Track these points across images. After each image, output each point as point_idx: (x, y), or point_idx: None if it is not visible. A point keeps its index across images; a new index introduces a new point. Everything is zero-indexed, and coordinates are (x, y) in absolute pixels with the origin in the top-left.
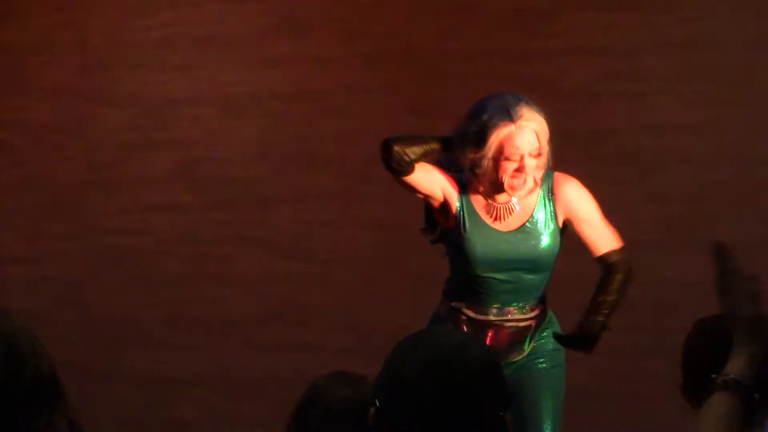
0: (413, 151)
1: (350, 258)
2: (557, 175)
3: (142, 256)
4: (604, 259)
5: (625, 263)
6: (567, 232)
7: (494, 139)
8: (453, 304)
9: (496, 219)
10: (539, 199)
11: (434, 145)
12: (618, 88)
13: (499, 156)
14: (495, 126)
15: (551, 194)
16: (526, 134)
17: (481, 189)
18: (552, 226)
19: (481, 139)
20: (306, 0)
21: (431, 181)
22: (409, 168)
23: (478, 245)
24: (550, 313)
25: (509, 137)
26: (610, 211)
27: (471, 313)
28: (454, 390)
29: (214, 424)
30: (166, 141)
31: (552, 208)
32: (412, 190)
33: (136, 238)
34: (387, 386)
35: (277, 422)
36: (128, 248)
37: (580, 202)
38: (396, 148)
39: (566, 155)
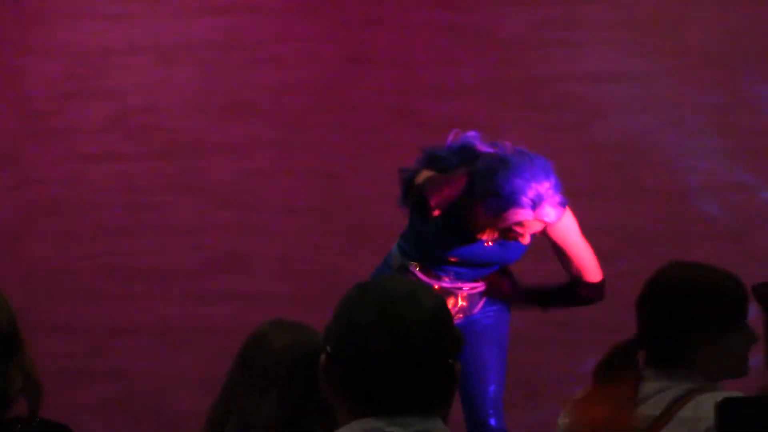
0: (447, 204)
1: (287, 207)
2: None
3: (79, 206)
4: (576, 281)
5: (594, 298)
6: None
7: (509, 217)
8: (404, 259)
9: (477, 227)
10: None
11: (462, 185)
12: (553, 37)
13: (507, 228)
14: (514, 209)
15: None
16: (537, 224)
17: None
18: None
19: (498, 213)
20: None
21: None
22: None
23: (453, 243)
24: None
25: (524, 223)
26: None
27: (423, 277)
28: (405, 335)
29: (152, 372)
30: (102, 90)
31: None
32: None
33: (72, 188)
34: (338, 332)
35: (215, 371)
36: (64, 198)
37: (564, 233)
38: (433, 205)
39: (502, 103)
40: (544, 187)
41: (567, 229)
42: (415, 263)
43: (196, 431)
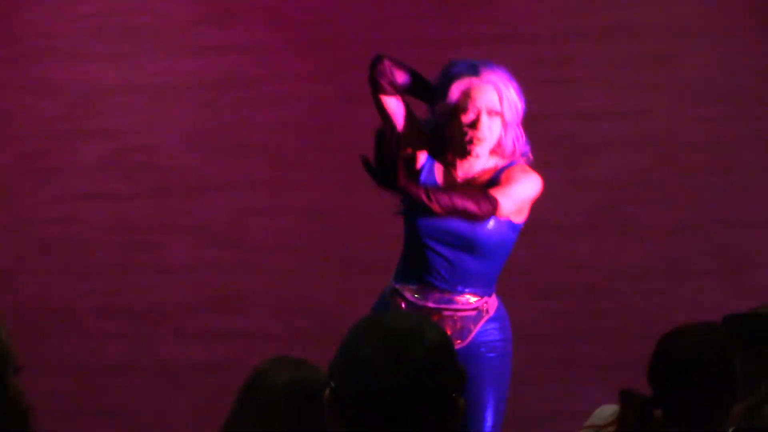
0: (399, 73)
1: (281, 245)
2: (517, 165)
3: (73, 245)
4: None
5: (484, 216)
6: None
7: (455, 90)
8: (397, 285)
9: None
10: (490, 182)
11: (419, 79)
12: (545, 75)
13: (457, 109)
14: (457, 77)
15: (497, 179)
16: (486, 89)
17: (448, 158)
18: (498, 218)
19: (444, 90)
20: None
21: (404, 119)
22: (388, 88)
23: (425, 212)
24: (499, 305)
25: (468, 89)
26: (541, 197)
27: (411, 298)
28: (408, 368)
29: (146, 412)
30: (97, 130)
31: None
32: (385, 117)
33: (66, 227)
34: (342, 366)
35: (209, 409)
36: (59, 237)
37: (514, 175)
38: (387, 62)
39: None
40: (483, 60)
41: (516, 175)
42: (404, 284)
43: None
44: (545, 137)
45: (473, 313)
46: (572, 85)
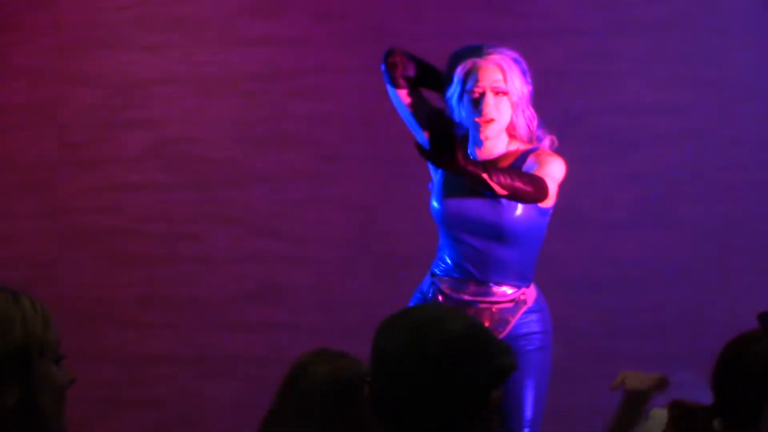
0: (411, 65)
1: (324, 237)
2: (541, 149)
3: (116, 236)
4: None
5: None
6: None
7: (459, 71)
8: (433, 279)
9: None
10: (512, 166)
11: (431, 70)
12: (590, 69)
13: (464, 91)
14: (462, 59)
15: (525, 164)
16: (490, 68)
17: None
18: (528, 205)
19: (450, 74)
20: None
21: (421, 112)
22: (402, 81)
23: (449, 198)
24: (538, 296)
25: (472, 69)
26: (584, 192)
27: (448, 291)
28: (429, 361)
29: (186, 402)
30: (140, 120)
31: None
32: (402, 111)
33: (109, 217)
34: (373, 361)
35: (250, 399)
36: (101, 227)
37: (543, 163)
38: (398, 55)
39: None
40: (485, 43)
41: (546, 161)
42: (440, 278)
43: None
44: (589, 132)
45: (510, 304)
46: (616, 80)
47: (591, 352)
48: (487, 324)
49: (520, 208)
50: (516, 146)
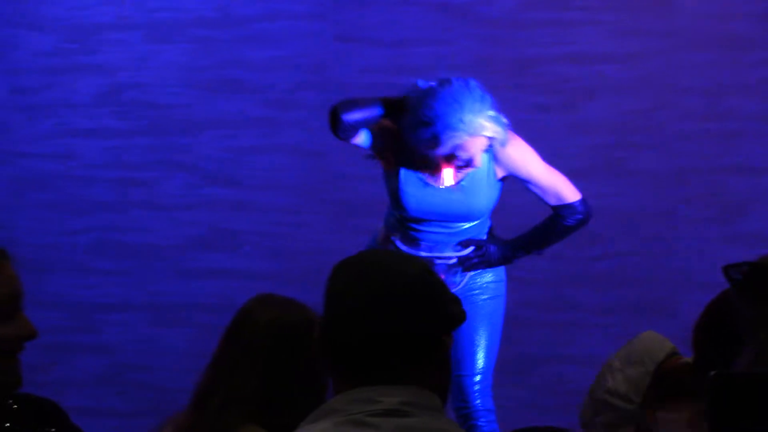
0: (357, 122)
1: (276, 184)
2: (505, 141)
3: (68, 182)
4: (558, 210)
5: (582, 218)
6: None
7: (447, 145)
8: (390, 235)
9: (432, 174)
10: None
11: (378, 111)
12: (543, 17)
13: (451, 155)
14: (448, 136)
15: (492, 152)
16: (480, 141)
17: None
18: (489, 183)
19: (434, 144)
20: None
21: (371, 141)
22: (354, 134)
23: (412, 197)
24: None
25: (463, 146)
26: (535, 141)
27: (403, 246)
28: (383, 302)
29: (139, 348)
30: (92, 66)
31: (491, 166)
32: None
33: (61, 163)
34: (326, 303)
35: (202, 346)
36: (53, 173)
37: (521, 163)
38: (344, 119)
39: (491, 83)
40: (470, 103)
41: (524, 158)
42: (397, 233)
43: (184, 406)
44: (542, 81)
45: (454, 260)
46: (569, 28)
47: (542, 302)
48: (443, 276)
49: (486, 193)
50: None
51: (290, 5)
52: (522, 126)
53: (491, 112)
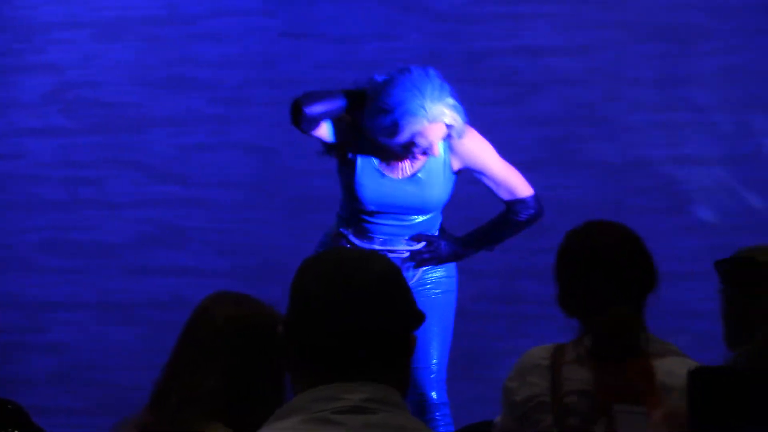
0: (320, 114)
1: (226, 181)
2: (462, 139)
3: (17, 180)
4: (511, 205)
5: (534, 214)
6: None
7: (407, 132)
8: (341, 229)
9: (391, 164)
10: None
11: (340, 103)
12: (493, 10)
13: (410, 143)
14: (408, 122)
15: (448, 144)
16: (440, 128)
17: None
18: (444, 175)
19: (393, 131)
20: None
21: (332, 134)
22: (315, 126)
23: (368, 189)
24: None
25: (422, 132)
26: (483, 132)
27: (356, 240)
28: (354, 300)
29: (90, 347)
30: (40, 64)
31: (448, 158)
32: (315, 138)
33: (9, 162)
34: (293, 302)
35: (153, 345)
36: (2, 172)
37: (477, 155)
38: (306, 111)
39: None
40: (430, 90)
41: (481, 150)
42: (349, 229)
43: (142, 405)
44: (491, 74)
45: (406, 254)
46: (518, 21)
47: (493, 295)
48: None
49: (441, 186)
50: None
51: (238, 2)
52: (472, 119)
53: (450, 100)
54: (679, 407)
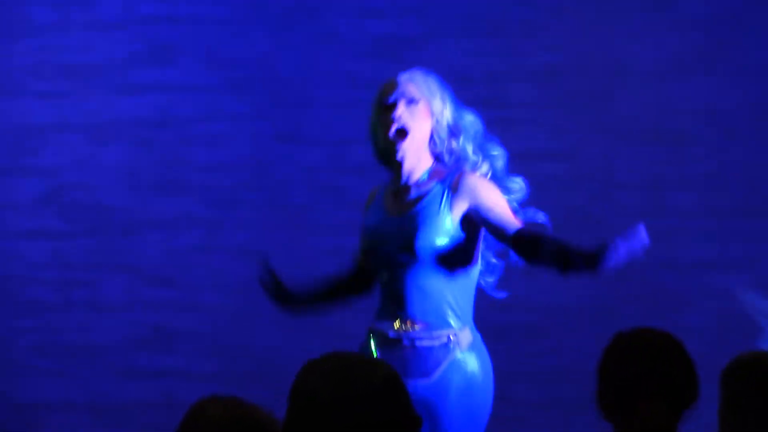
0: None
1: (217, 284)
2: (466, 172)
3: (9, 282)
4: (518, 234)
5: (538, 230)
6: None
7: (377, 94)
8: (370, 325)
9: (393, 203)
10: (436, 187)
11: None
12: (481, 116)
13: (380, 112)
14: (378, 90)
15: (452, 185)
16: (404, 84)
17: (393, 178)
18: (442, 217)
19: (378, 97)
20: (171, 28)
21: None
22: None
23: (368, 226)
24: (474, 337)
25: (387, 88)
26: None
27: (375, 327)
28: (356, 402)
29: None
30: (33, 167)
31: (449, 199)
32: None
33: (2, 264)
34: (294, 403)
35: None
36: None
37: (484, 191)
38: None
39: None
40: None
41: (484, 185)
42: (374, 318)
43: None
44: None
45: (437, 343)
46: (507, 125)
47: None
48: (411, 363)
49: (436, 228)
50: (438, 166)
51: (230, 106)
52: None
53: (436, 84)
54: None
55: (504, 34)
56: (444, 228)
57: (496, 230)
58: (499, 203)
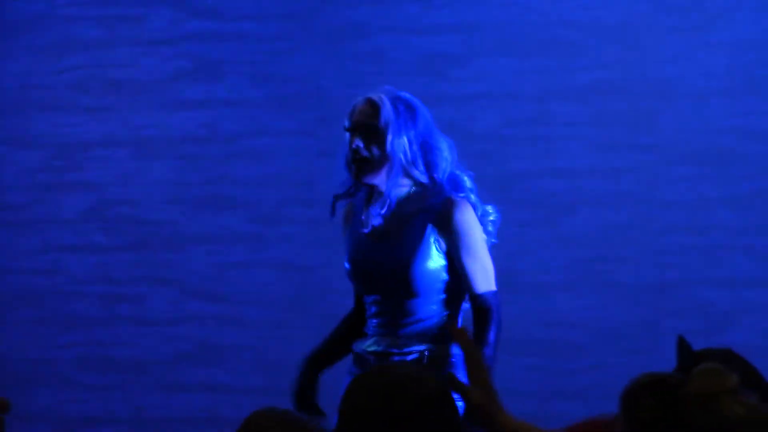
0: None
1: (261, 299)
2: (452, 197)
3: (55, 297)
4: (478, 300)
5: (497, 311)
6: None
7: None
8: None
9: (369, 224)
10: (417, 211)
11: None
12: (527, 133)
13: (346, 132)
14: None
15: (434, 210)
16: (363, 107)
17: (367, 194)
18: (421, 239)
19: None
20: (218, 44)
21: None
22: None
23: (349, 247)
24: (454, 355)
25: (351, 110)
26: (519, 254)
27: (358, 349)
28: (403, 418)
29: None
30: (79, 182)
31: (431, 223)
32: None
33: (47, 279)
34: (344, 417)
35: None
36: (40, 288)
37: (466, 229)
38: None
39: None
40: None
41: (471, 224)
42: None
43: None
44: (525, 195)
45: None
46: (552, 144)
47: (525, 413)
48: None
49: (414, 248)
50: (418, 188)
51: (276, 122)
52: (505, 240)
53: (404, 107)
54: None
55: (549, 54)
56: (422, 252)
57: (464, 278)
58: (476, 248)
